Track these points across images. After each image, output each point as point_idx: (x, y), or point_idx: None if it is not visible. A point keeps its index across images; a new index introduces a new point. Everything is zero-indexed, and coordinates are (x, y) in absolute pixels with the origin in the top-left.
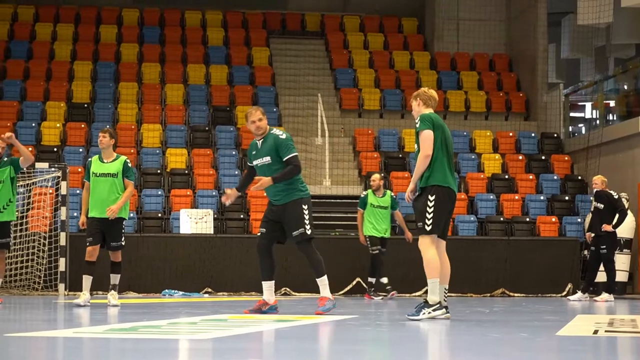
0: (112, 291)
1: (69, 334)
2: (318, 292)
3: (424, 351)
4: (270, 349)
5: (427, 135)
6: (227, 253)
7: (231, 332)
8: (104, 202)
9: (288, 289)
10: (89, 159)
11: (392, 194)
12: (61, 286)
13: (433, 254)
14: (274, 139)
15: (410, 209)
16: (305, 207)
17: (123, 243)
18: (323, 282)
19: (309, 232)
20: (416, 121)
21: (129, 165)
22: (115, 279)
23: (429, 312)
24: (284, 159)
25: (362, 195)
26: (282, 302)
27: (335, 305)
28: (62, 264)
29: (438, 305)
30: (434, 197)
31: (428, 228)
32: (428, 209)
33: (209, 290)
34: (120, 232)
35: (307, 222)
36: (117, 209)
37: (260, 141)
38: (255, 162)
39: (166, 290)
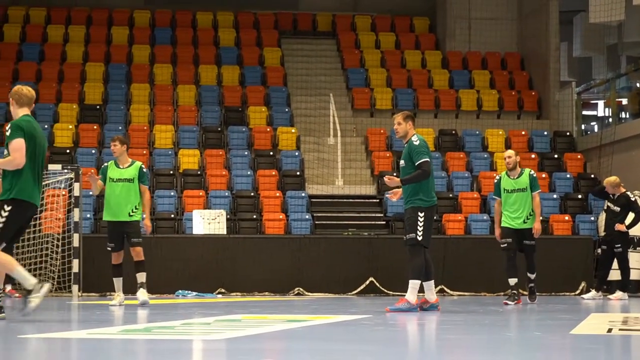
0: (141, 289)
1: (83, 335)
2: (330, 292)
3: (438, 351)
4: (283, 349)
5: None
6: (240, 253)
7: (245, 333)
8: (120, 206)
9: (301, 289)
10: (105, 164)
11: (533, 173)
12: (75, 287)
13: None
14: (409, 145)
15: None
16: (422, 214)
17: (142, 239)
18: (412, 285)
19: (419, 238)
20: None
21: (144, 170)
22: (142, 277)
23: None
24: (415, 164)
25: (495, 181)
26: (294, 303)
27: (410, 308)
28: (75, 265)
29: None
30: None
31: None
32: None
33: (222, 290)
34: (138, 230)
35: (420, 228)
36: (149, 224)
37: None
38: (400, 163)
39: (179, 291)
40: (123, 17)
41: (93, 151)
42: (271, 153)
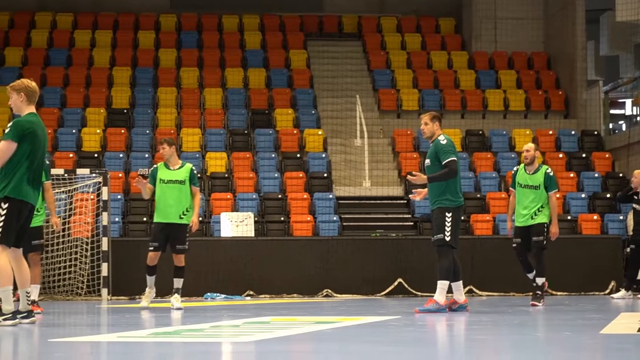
0: (176, 294)
1: (113, 338)
2: (359, 293)
3: (467, 351)
4: (313, 350)
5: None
6: (268, 255)
7: (274, 335)
8: (171, 208)
9: (330, 291)
10: (154, 166)
11: (550, 172)
12: (104, 291)
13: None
14: (435, 144)
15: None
16: (449, 215)
17: (187, 247)
18: (441, 285)
19: (447, 238)
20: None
21: (195, 172)
22: (178, 282)
23: None
24: (442, 163)
25: (513, 172)
26: (323, 305)
27: (439, 309)
28: (104, 268)
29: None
30: None
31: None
32: None
33: (251, 292)
34: (185, 236)
35: (447, 229)
36: (197, 222)
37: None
38: (426, 162)
39: (208, 294)
40: (149, 21)
41: (121, 155)
42: (298, 155)
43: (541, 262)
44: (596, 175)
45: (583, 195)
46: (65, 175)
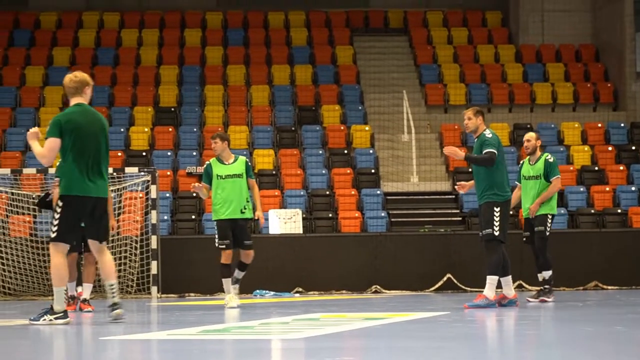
0: (236, 284)
1: (163, 336)
2: (407, 289)
3: (516, 346)
4: (362, 347)
5: None
6: (316, 252)
7: (323, 331)
8: (232, 203)
9: (378, 287)
10: (207, 162)
11: (549, 158)
12: (154, 289)
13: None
14: (480, 139)
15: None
16: (498, 209)
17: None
18: (490, 280)
19: (496, 233)
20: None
21: (250, 164)
22: (239, 274)
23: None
24: (483, 153)
25: (519, 165)
26: (372, 301)
27: (488, 304)
28: (154, 267)
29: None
30: None
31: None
32: None
33: (300, 289)
34: (249, 231)
35: (496, 224)
36: (262, 215)
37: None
38: None
39: (257, 291)
40: (195, 19)
41: (169, 153)
42: (345, 151)
43: (544, 254)
44: None
45: (633, 188)
46: (114, 174)
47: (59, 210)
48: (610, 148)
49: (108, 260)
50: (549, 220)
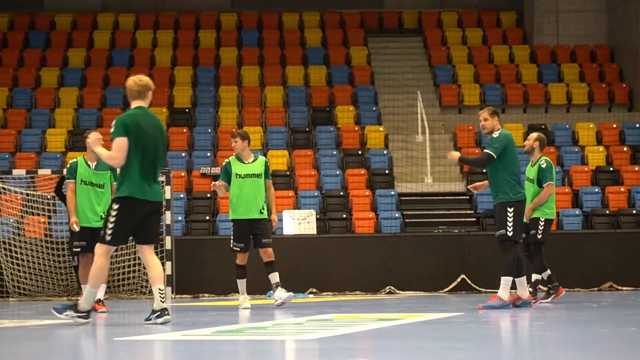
0: (278, 288)
1: (177, 336)
2: (421, 290)
3: (531, 347)
4: (376, 348)
5: None
6: (330, 253)
7: (337, 332)
8: (251, 202)
9: (392, 288)
10: (226, 160)
11: (543, 164)
12: (168, 289)
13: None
14: (491, 138)
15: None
16: (511, 209)
17: (271, 240)
18: (504, 281)
19: (510, 234)
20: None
21: (269, 165)
22: (275, 277)
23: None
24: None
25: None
26: (386, 301)
27: (503, 305)
28: (168, 267)
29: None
30: None
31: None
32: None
33: (314, 290)
34: (269, 230)
35: (510, 224)
36: (276, 219)
37: None
38: None
39: (271, 292)
40: (210, 20)
41: (183, 154)
42: (359, 152)
43: (539, 257)
44: None
45: None
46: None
47: (114, 213)
48: (625, 149)
49: (156, 264)
50: (541, 224)
